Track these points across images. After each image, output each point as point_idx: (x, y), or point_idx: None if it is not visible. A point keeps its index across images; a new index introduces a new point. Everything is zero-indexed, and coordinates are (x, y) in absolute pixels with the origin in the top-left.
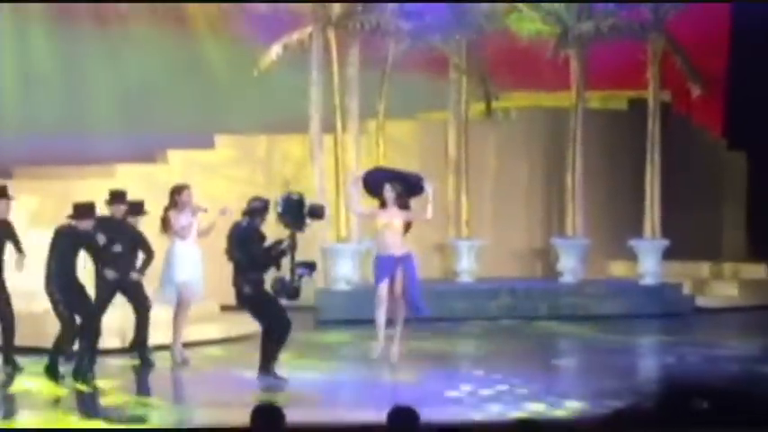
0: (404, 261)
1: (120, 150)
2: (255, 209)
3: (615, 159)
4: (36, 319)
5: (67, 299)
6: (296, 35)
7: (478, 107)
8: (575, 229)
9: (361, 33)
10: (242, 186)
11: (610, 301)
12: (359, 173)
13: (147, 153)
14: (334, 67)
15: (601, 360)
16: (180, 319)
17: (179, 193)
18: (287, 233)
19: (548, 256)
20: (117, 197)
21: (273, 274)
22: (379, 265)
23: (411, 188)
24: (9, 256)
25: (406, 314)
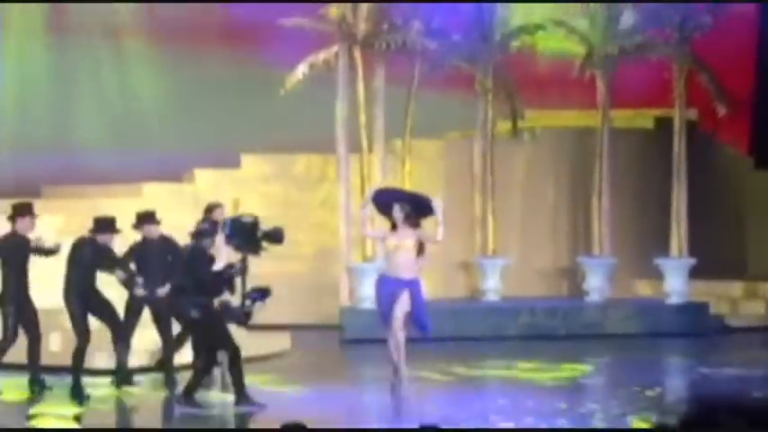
0: (411, 285)
1: (147, 169)
2: (203, 231)
3: (641, 178)
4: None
5: (84, 311)
6: (322, 54)
7: (505, 126)
8: (601, 248)
9: (387, 52)
10: (268, 206)
11: (635, 320)
12: (368, 195)
13: (174, 172)
14: (360, 86)
15: (625, 378)
16: None
17: (211, 211)
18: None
19: (574, 275)
20: (144, 218)
21: (222, 297)
22: (384, 285)
23: (420, 209)
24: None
25: (412, 334)
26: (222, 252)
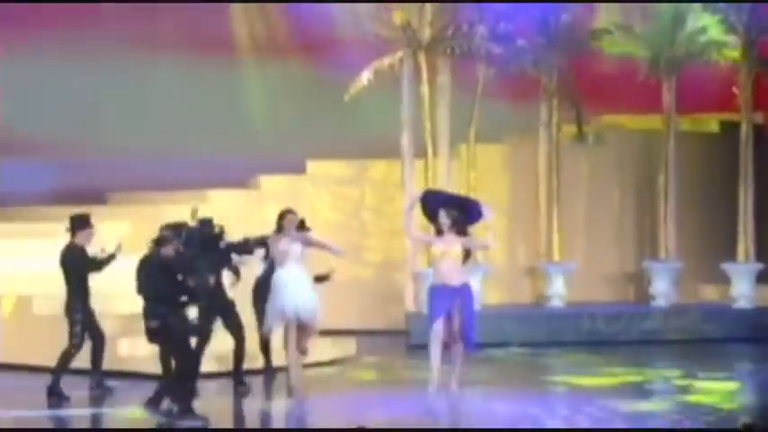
0: (462, 293)
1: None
2: (163, 238)
3: (707, 182)
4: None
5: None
6: (386, 60)
7: (569, 130)
8: (667, 253)
9: (452, 57)
10: (334, 211)
11: (702, 325)
12: (414, 196)
13: (240, 178)
14: (425, 91)
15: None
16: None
17: (282, 218)
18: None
19: (640, 280)
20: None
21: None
22: (435, 295)
23: (469, 214)
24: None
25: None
26: (289, 256)
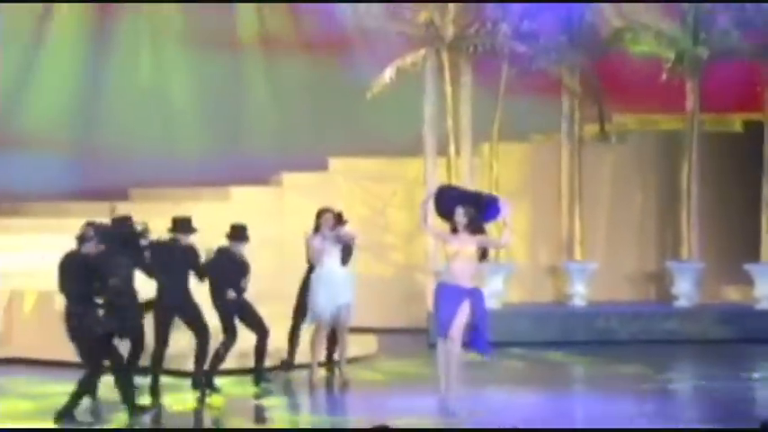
0: (473, 295)
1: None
2: (85, 236)
3: (730, 182)
4: None
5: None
6: (409, 58)
7: (592, 129)
8: (690, 253)
9: (475, 55)
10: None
11: (723, 326)
12: (431, 191)
13: (262, 175)
14: (448, 90)
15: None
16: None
17: (319, 216)
18: None
19: (662, 280)
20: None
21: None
22: (443, 293)
23: (486, 211)
24: None
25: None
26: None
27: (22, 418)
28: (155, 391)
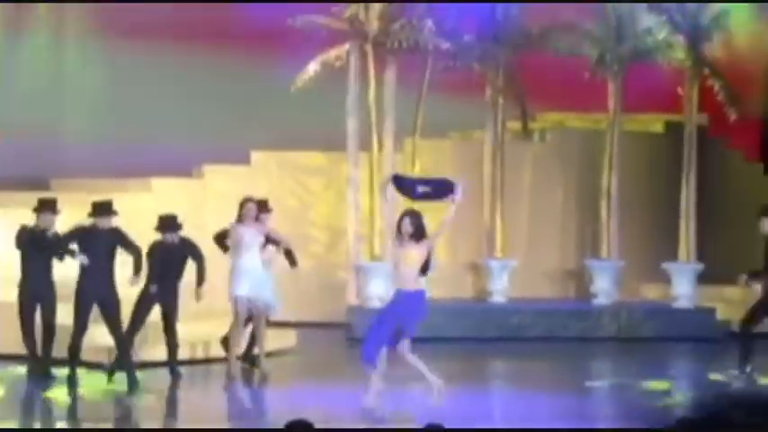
0: (410, 298)
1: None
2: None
3: (650, 182)
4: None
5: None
6: (333, 52)
7: (514, 127)
8: (609, 251)
9: (399, 51)
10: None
11: (641, 324)
12: (386, 178)
13: (184, 167)
14: (371, 85)
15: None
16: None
17: (242, 206)
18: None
19: (582, 278)
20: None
21: None
22: (395, 299)
23: (441, 194)
24: None
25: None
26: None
27: None
28: (72, 380)
